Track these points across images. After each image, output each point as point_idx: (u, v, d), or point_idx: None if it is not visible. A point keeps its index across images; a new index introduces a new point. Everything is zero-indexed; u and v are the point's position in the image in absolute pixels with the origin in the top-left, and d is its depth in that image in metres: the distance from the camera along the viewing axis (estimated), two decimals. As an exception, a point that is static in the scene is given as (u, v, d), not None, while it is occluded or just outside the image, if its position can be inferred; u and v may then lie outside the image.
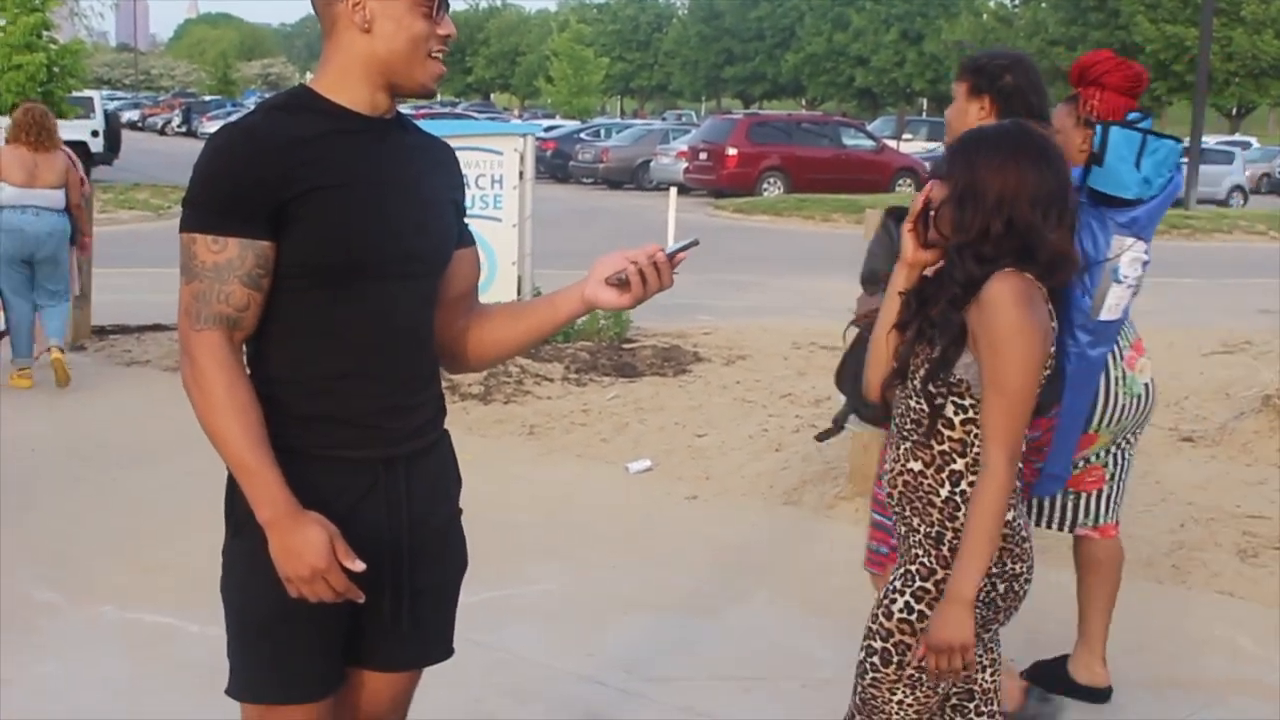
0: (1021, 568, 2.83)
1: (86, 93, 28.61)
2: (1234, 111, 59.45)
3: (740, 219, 26.13)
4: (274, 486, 2.35)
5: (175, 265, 2.43)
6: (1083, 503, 4.37)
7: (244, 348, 2.48)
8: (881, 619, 2.87)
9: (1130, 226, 3.93)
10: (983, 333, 2.69)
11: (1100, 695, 4.52)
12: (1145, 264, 4.03)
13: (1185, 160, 41.30)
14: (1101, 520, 4.41)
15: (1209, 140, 39.53)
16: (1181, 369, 9.64)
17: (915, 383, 2.79)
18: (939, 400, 2.76)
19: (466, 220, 2.72)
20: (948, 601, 2.72)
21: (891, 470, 2.89)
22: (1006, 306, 2.67)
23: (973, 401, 2.75)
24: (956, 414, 2.76)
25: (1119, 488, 4.44)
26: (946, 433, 2.78)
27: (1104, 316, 4.05)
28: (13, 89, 23.33)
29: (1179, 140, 4.03)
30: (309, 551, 2.34)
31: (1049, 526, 4.40)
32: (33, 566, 5.60)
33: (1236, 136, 49.27)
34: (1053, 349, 2.77)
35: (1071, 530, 4.44)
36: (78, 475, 6.90)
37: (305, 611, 2.42)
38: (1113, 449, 4.38)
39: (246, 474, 2.36)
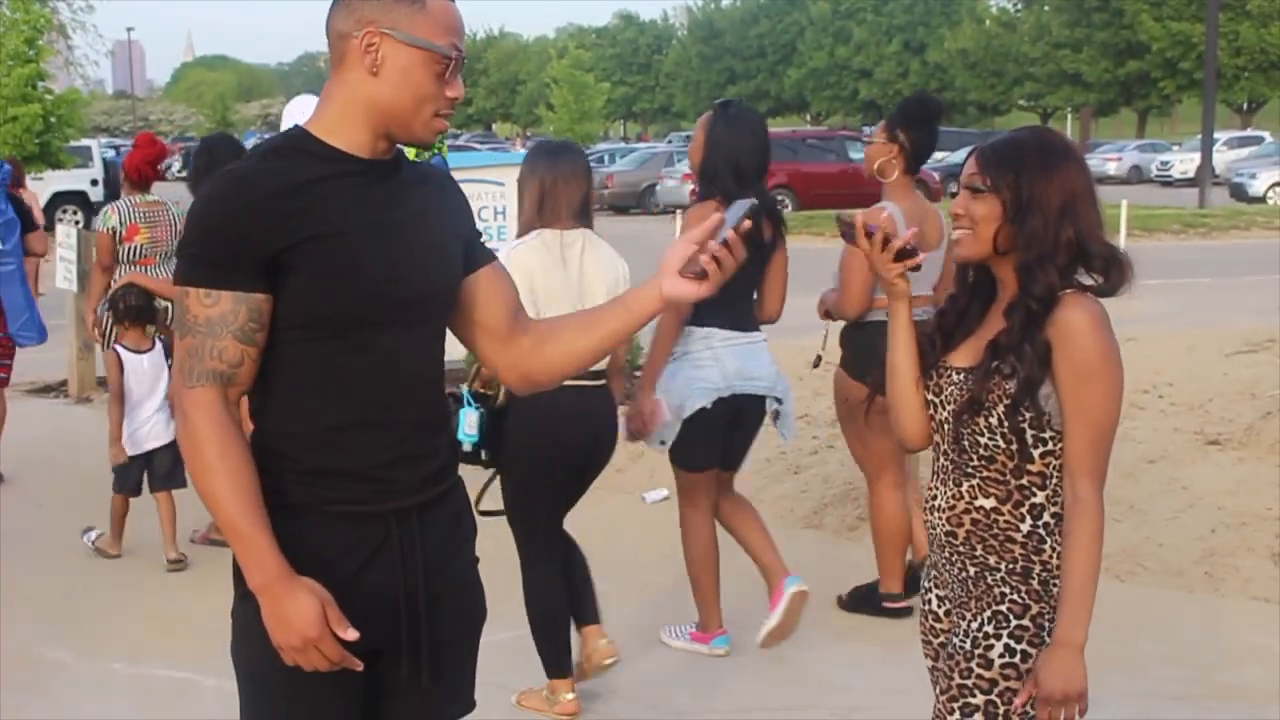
0: None
1: (84, 141, 28.71)
2: (1244, 106, 59.45)
3: (749, 238, 26.09)
4: (264, 551, 2.31)
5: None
6: None
7: (250, 401, 2.44)
8: (978, 670, 2.72)
9: None
10: (1064, 363, 2.62)
11: None
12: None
13: (1174, 154, 40.66)
14: None
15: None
16: (1204, 370, 9.56)
17: (992, 418, 2.69)
18: (1026, 431, 2.68)
19: (482, 240, 2.66)
20: (1060, 648, 2.61)
21: (952, 508, 2.78)
22: (1088, 333, 2.62)
23: (1052, 434, 2.67)
24: (1036, 446, 2.69)
25: None
26: (1026, 466, 2.71)
27: None
28: (9, 141, 23.41)
29: None
30: (299, 620, 2.29)
31: None
32: (39, 623, 5.57)
33: (1249, 132, 49.17)
34: None
35: None
36: (86, 528, 6.87)
37: (320, 674, 2.37)
38: None
39: (237, 538, 2.32)
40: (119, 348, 6.48)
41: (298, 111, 6.60)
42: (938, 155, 43.45)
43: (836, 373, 5.45)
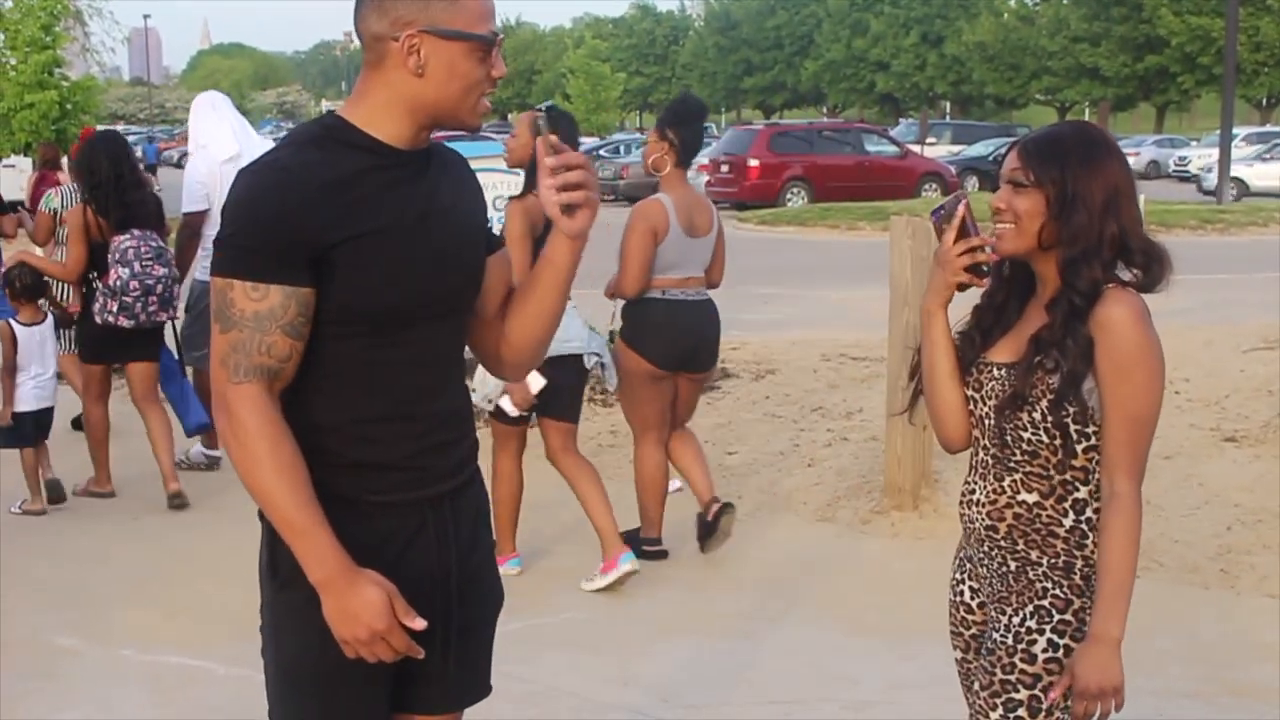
0: None
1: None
2: (1264, 102, 59.22)
3: (765, 231, 26.08)
4: (326, 546, 2.28)
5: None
6: None
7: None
8: (1022, 665, 2.72)
9: None
10: (1105, 357, 2.63)
11: None
12: None
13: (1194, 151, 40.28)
14: None
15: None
16: (1221, 367, 9.53)
17: (1035, 413, 2.69)
18: (1070, 426, 2.68)
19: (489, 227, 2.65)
20: (1096, 643, 2.62)
21: (994, 503, 2.78)
22: (1129, 327, 2.62)
23: (1095, 429, 2.68)
24: (1079, 441, 2.69)
25: None
26: (1070, 461, 2.71)
27: None
28: (25, 128, 23.50)
29: None
30: (368, 613, 2.28)
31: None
32: (49, 610, 5.58)
33: (1268, 127, 48.94)
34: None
35: None
36: (99, 515, 6.89)
37: (358, 667, 2.36)
38: None
39: (296, 534, 2.29)
40: (12, 322, 7.00)
41: (206, 105, 8.11)
42: (953, 148, 43.63)
43: (618, 344, 5.98)
